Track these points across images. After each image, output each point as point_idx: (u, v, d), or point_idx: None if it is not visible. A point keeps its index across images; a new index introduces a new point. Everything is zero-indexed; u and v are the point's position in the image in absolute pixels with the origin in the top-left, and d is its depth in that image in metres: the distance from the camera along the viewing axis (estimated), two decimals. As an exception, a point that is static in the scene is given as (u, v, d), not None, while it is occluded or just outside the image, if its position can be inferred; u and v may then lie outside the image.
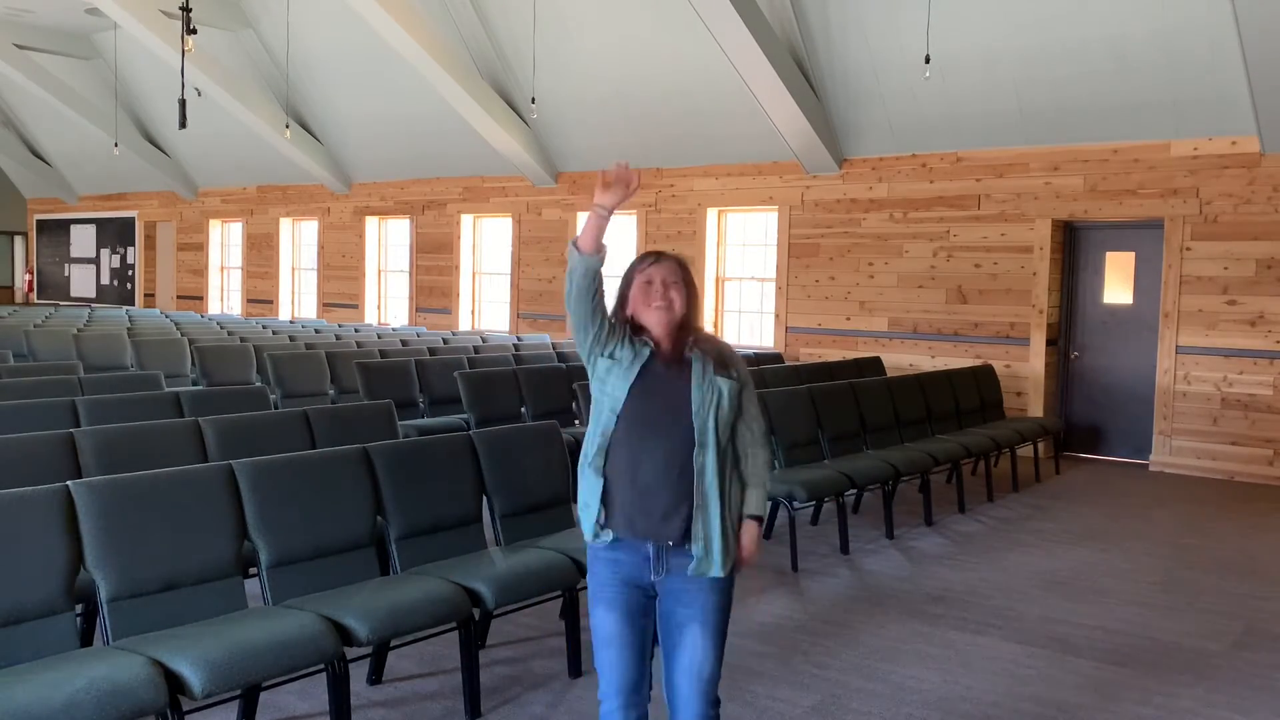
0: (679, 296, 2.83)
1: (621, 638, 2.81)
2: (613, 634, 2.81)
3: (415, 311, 15.67)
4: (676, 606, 2.80)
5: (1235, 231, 9.27)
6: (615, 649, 2.80)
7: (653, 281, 2.83)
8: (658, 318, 2.81)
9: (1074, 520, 7.61)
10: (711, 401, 2.78)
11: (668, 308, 2.81)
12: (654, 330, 2.83)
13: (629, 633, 2.81)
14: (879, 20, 10.15)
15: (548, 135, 13.45)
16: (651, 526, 2.78)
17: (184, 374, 9.27)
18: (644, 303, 2.82)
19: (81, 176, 21.32)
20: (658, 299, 2.81)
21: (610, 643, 2.81)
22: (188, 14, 10.56)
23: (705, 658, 2.79)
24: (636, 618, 2.82)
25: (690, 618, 2.79)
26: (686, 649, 2.79)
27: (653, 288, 2.82)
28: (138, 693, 2.95)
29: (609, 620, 2.81)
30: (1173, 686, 4.44)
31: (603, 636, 2.82)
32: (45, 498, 3.40)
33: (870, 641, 4.89)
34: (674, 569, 2.79)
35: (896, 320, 11.12)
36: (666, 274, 2.84)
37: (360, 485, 4.19)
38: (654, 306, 2.81)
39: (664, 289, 2.82)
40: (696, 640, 2.79)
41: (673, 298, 2.82)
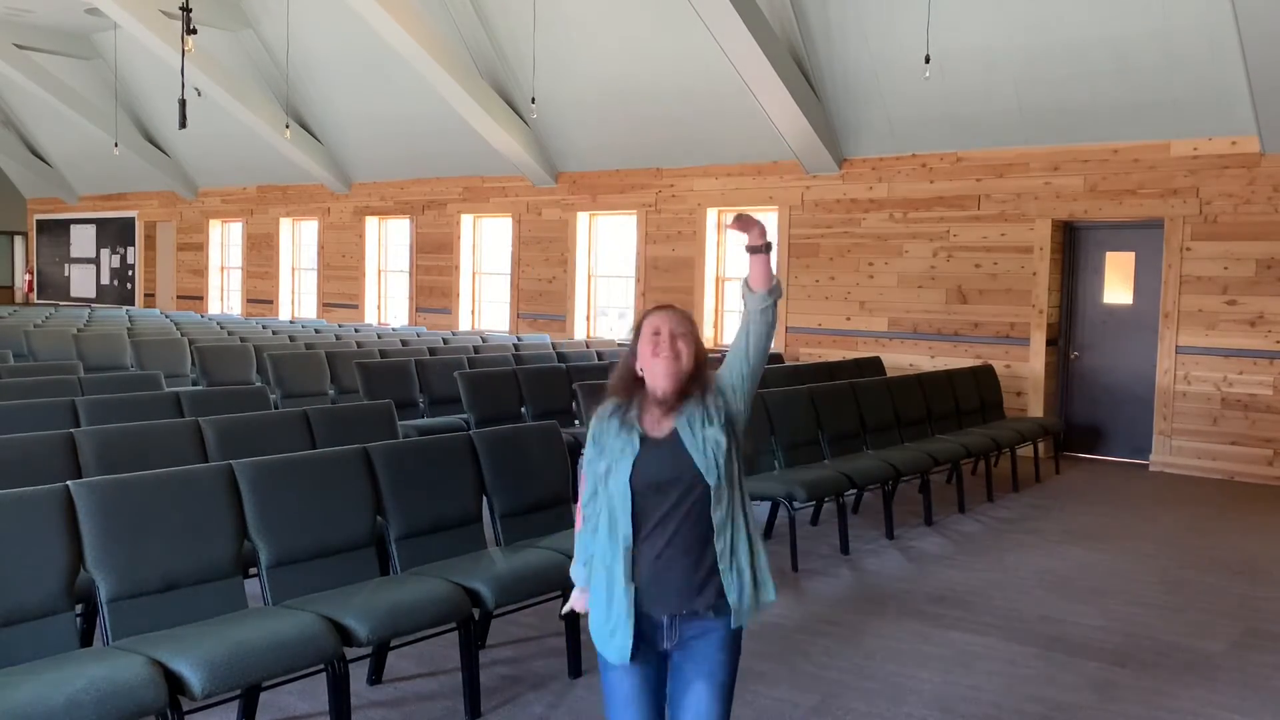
0: (686, 347, 2.78)
1: (639, 702, 2.76)
2: (628, 697, 2.76)
3: (415, 311, 15.67)
4: (685, 662, 2.77)
5: (1235, 231, 9.27)
6: (634, 709, 2.76)
7: (660, 333, 2.78)
8: (665, 369, 2.76)
9: (1074, 520, 7.60)
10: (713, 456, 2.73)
11: (675, 358, 2.76)
12: (659, 381, 2.77)
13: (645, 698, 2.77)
14: (879, 20, 10.15)
15: (548, 135, 13.45)
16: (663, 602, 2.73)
17: (184, 374, 9.27)
18: (651, 353, 2.77)
19: (81, 176, 21.32)
20: (666, 350, 2.77)
21: (626, 706, 2.77)
22: (188, 14, 10.55)
23: (710, 713, 2.75)
24: (654, 685, 2.78)
25: (698, 673, 2.75)
26: (692, 705, 2.76)
27: (660, 339, 2.78)
28: (138, 693, 2.95)
29: (625, 683, 2.76)
30: (1173, 686, 4.44)
31: (619, 699, 2.77)
32: (45, 498, 3.40)
33: (870, 641, 4.89)
34: (685, 634, 2.76)
35: (896, 320, 11.12)
36: (673, 325, 2.80)
37: (360, 485, 4.19)
38: (661, 357, 2.76)
39: (671, 340, 2.77)
40: (702, 696, 2.75)
41: (680, 348, 2.77)
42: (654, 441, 2.76)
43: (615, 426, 2.80)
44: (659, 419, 2.79)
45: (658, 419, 2.79)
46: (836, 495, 6.54)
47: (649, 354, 2.78)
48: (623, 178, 13.19)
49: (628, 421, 2.79)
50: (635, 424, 2.78)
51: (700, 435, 2.75)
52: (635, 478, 2.72)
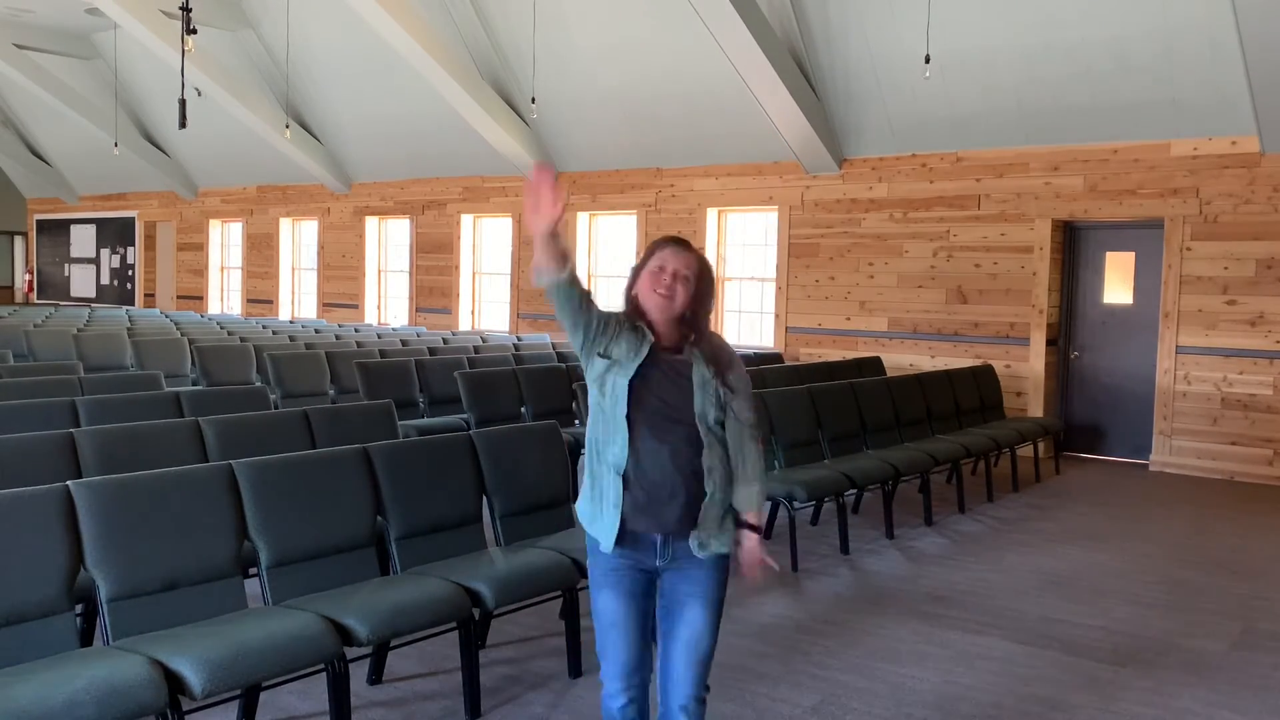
0: (684, 290, 2.77)
1: (626, 620, 2.82)
2: (617, 617, 2.82)
3: (415, 311, 15.68)
4: (679, 583, 2.82)
5: (1235, 231, 9.27)
6: (619, 631, 2.82)
7: (665, 269, 2.77)
8: (656, 304, 2.76)
9: (1074, 520, 7.60)
10: (712, 403, 2.77)
11: (669, 297, 2.75)
12: (652, 316, 2.78)
13: (633, 615, 2.82)
14: (879, 20, 10.15)
15: (548, 135, 13.45)
16: (659, 520, 2.78)
17: (184, 374, 9.27)
18: (650, 286, 2.78)
19: (81, 176, 21.32)
20: (662, 287, 2.75)
21: (614, 625, 2.82)
22: (188, 14, 10.55)
23: (704, 633, 2.82)
24: (640, 600, 2.83)
25: (691, 594, 2.81)
26: (686, 624, 2.81)
27: (662, 275, 2.77)
28: (138, 693, 2.95)
29: (614, 604, 2.82)
30: (1173, 686, 4.44)
31: (606, 620, 2.83)
32: (45, 498, 3.40)
33: (870, 641, 4.89)
34: (678, 553, 2.81)
35: (896, 320, 11.12)
36: (680, 265, 2.78)
37: (360, 485, 4.19)
38: (656, 293, 2.76)
39: (672, 279, 2.76)
40: (697, 615, 2.81)
41: (677, 289, 2.76)
42: (666, 356, 2.78)
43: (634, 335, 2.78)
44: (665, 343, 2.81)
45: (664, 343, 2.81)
46: (836, 495, 6.54)
47: (647, 287, 2.78)
48: (623, 178, 13.19)
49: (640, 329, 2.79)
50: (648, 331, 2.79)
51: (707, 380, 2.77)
52: (637, 381, 2.73)
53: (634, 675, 2.84)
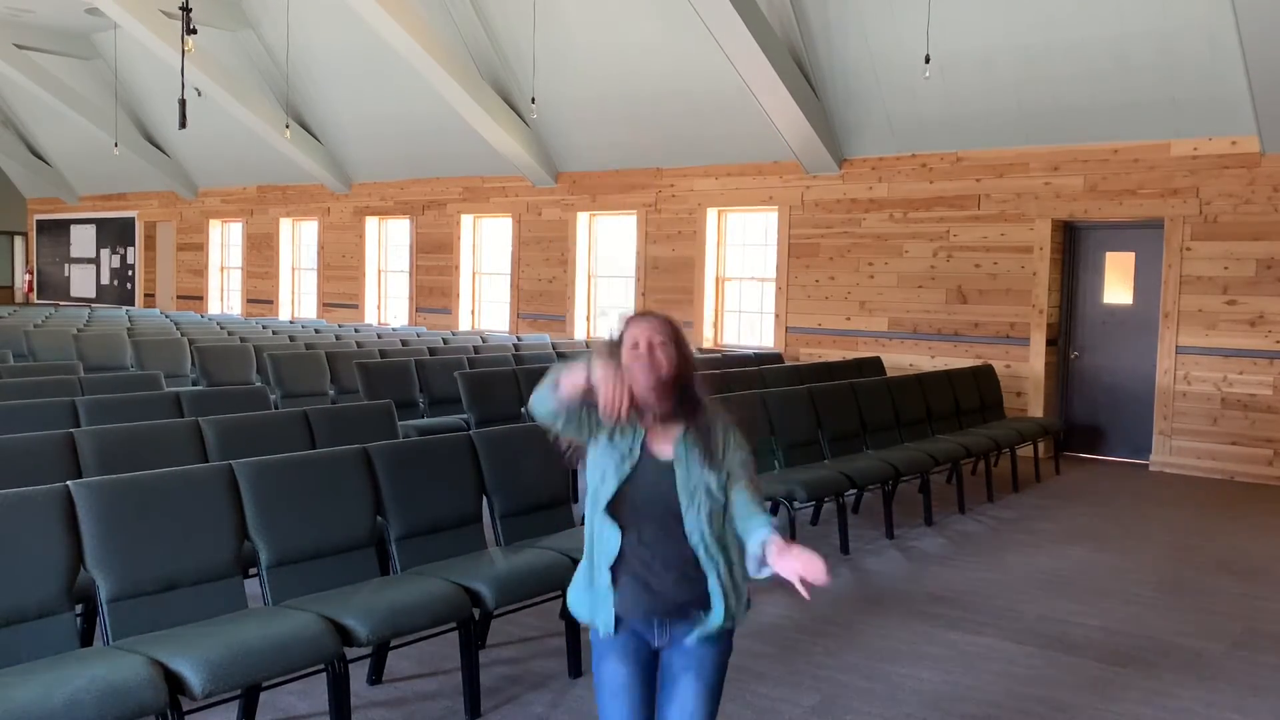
0: (665, 356, 2.71)
1: (630, 690, 2.77)
2: (621, 686, 2.77)
3: (415, 311, 15.67)
4: (675, 657, 2.78)
5: (1235, 231, 9.27)
6: (622, 701, 2.77)
7: (638, 344, 2.71)
8: (645, 377, 2.70)
9: (1074, 520, 7.61)
10: (700, 501, 2.71)
11: (653, 366, 2.70)
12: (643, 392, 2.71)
13: (636, 683, 2.78)
14: (879, 20, 10.15)
15: (548, 135, 13.45)
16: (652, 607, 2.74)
17: (184, 374, 9.27)
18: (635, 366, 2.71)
19: (81, 176, 21.33)
20: (645, 359, 2.70)
21: (617, 694, 2.78)
22: (188, 14, 10.55)
23: (697, 709, 2.76)
24: (643, 668, 2.80)
25: (685, 667, 2.76)
26: (678, 699, 2.77)
27: (638, 350, 2.71)
28: (138, 693, 2.95)
29: (619, 672, 2.78)
30: (1173, 686, 4.44)
31: (611, 689, 2.79)
32: (45, 498, 3.40)
33: (870, 641, 4.89)
34: (676, 635, 2.78)
35: (896, 320, 11.12)
36: (650, 333, 2.73)
37: (360, 485, 4.19)
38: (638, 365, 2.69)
39: (649, 349, 2.70)
40: (689, 691, 2.75)
41: (659, 357, 2.70)
42: (652, 460, 2.74)
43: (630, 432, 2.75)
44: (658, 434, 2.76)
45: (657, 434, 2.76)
46: (836, 495, 6.54)
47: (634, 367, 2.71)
48: (623, 178, 13.19)
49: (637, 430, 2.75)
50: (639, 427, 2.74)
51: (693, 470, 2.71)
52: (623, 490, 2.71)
53: None
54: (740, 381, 8.30)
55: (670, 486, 2.72)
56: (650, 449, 2.75)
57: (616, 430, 2.75)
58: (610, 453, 2.75)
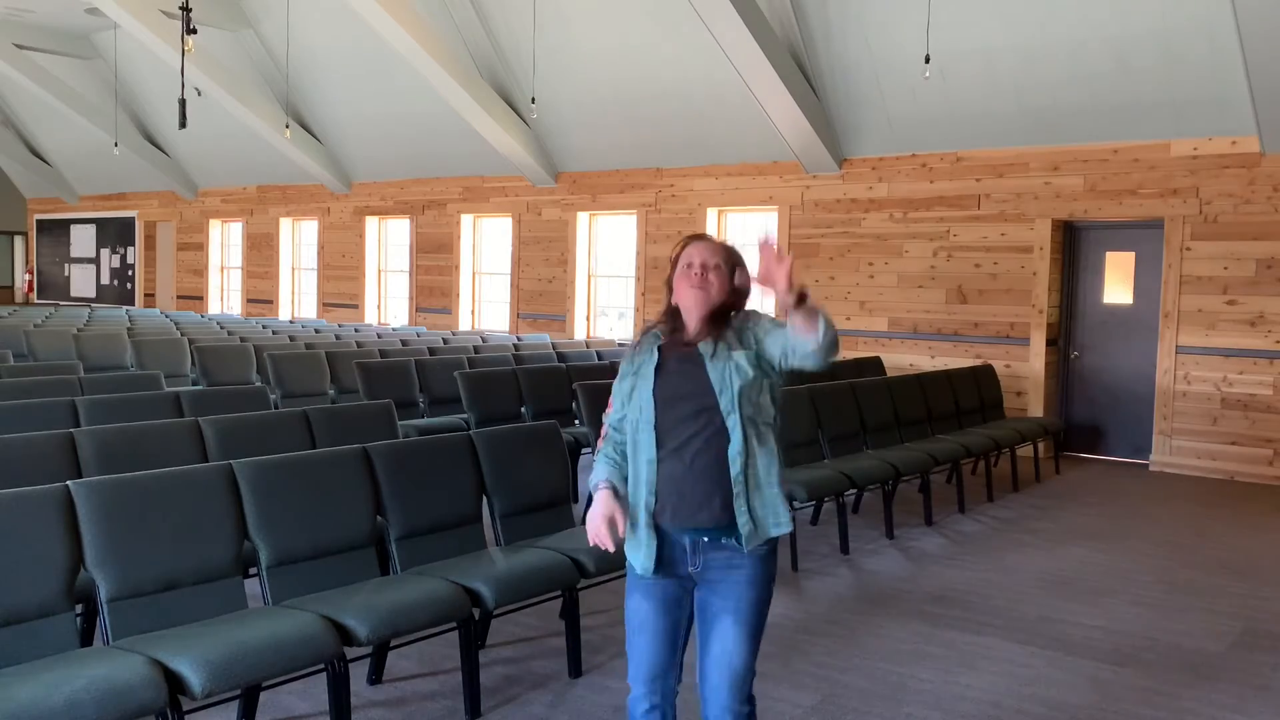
0: (717, 279, 2.80)
1: (654, 625, 2.81)
2: (645, 620, 2.82)
3: (415, 311, 15.68)
4: (712, 597, 2.79)
5: (1235, 231, 9.27)
6: (646, 635, 2.82)
7: (692, 264, 2.82)
8: (693, 299, 2.80)
9: (1074, 520, 7.60)
10: (731, 381, 2.74)
11: (703, 288, 2.79)
12: (689, 311, 2.82)
13: (661, 620, 2.82)
14: (879, 20, 10.15)
15: (548, 135, 13.45)
16: (688, 517, 2.76)
17: (184, 374, 9.27)
18: (684, 284, 2.83)
19: (81, 176, 21.33)
20: (695, 280, 2.80)
21: (642, 629, 2.82)
22: (188, 14, 10.55)
23: (736, 649, 2.77)
24: (671, 606, 2.82)
25: (724, 609, 2.78)
26: (718, 639, 2.78)
27: (691, 270, 2.81)
28: (138, 693, 2.95)
29: (643, 607, 2.82)
30: (1173, 686, 4.44)
31: (635, 623, 2.84)
32: (45, 498, 3.40)
33: (870, 641, 4.89)
34: (711, 563, 2.78)
35: (896, 320, 11.12)
36: (706, 255, 2.83)
37: (360, 485, 4.19)
38: (690, 286, 2.80)
39: (703, 271, 2.80)
40: (728, 631, 2.77)
41: (710, 279, 2.80)
42: (676, 357, 2.80)
43: (645, 345, 2.86)
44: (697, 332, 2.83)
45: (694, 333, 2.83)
46: (836, 495, 6.54)
47: (684, 285, 2.82)
48: (623, 178, 13.19)
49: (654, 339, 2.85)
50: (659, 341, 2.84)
51: (721, 359, 2.76)
52: (656, 390, 2.77)
53: (657, 681, 2.83)
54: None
55: (701, 373, 2.75)
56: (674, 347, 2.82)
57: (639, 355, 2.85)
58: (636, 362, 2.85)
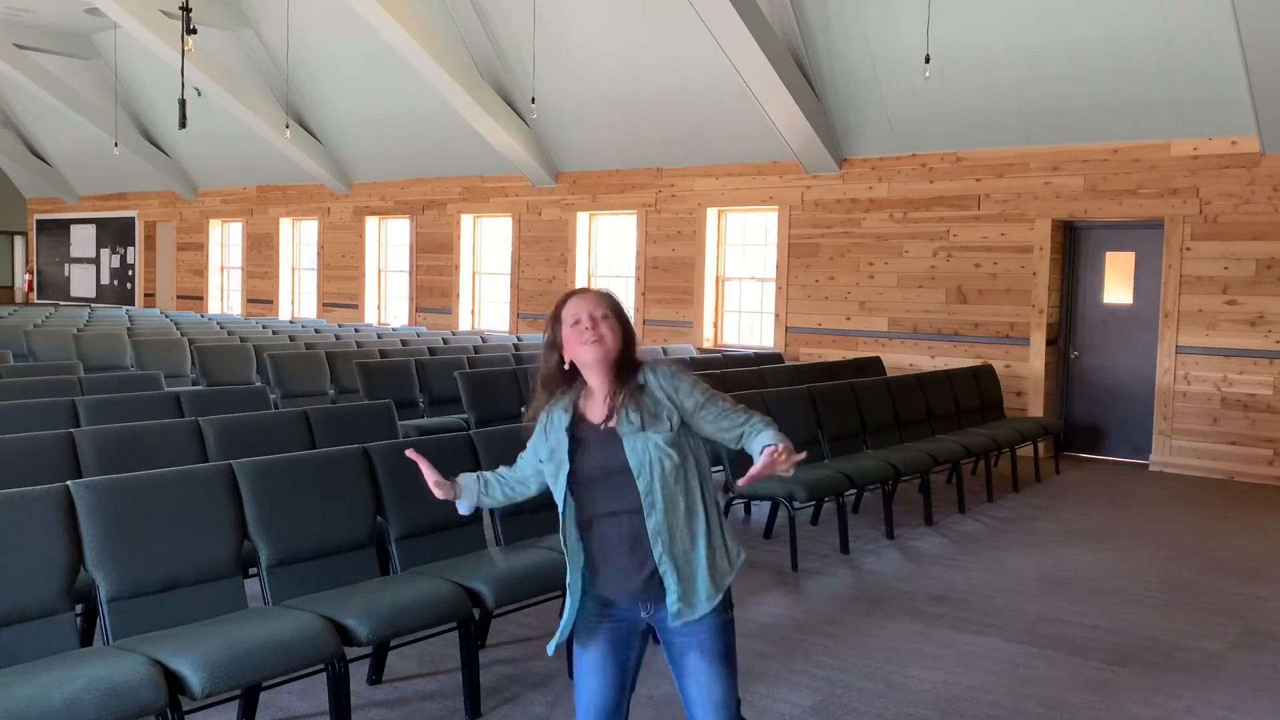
0: (610, 331, 2.69)
1: (602, 667, 2.74)
2: (594, 664, 2.74)
3: (415, 311, 15.68)
4: (673, 637, 2.73)
5: (1235, 231, 9.27)
6: (596, 678, 2.74)
7: (580, 320, 2.70)
8: (592, 355, 2.68)
9: (1074, 520, 7.60)
10: (650, 466, 2.65)
11: (599, 341, 2.67)
12: (589, 368, 2.71)
13: (610, 663, 2.75)
14: (879, 20, 10.15)
15: (548, 135, 13.45)
16: (627, 589, 2.71)
17: (184, 374, 9.27)
18: (577, 342, 2.70)
19: (81, 176, 21.33)
20: (588, 336, 2.68)
21: (591, 672, 2.75)
22: (188, 14, 10.54)
23: (712, 682, 2.71)
24: (619, 648, 2.76)
25: (687, 646, 2.72)
26: (691, 678, 2.73)
27: (580, 325, 2.70)
28: (138, 693, 2.95)
29: (592, 653, 2.75)
30: (1173, 686, 4.44)
31: (585, 667, 2.76)
32: (45, 498, 3.40)
33: (870, 641, 4.89)
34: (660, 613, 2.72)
35: (896, 320, 11.12)
36: (592, 307, 2.71)
37: (360, 485, 4.19)
38: (585, 344, 2.68)
39: (593, 324, 2.69)
40: (699, 666, 2.71)
41: (603, 332, 2.68)
42: (594, 434, 2.71)
43: (558, 417, 2.77)
44: (598, 405, 2.73)
45: (597, 405, 2.74)
46: (836, 495, 6.54)
47: (575, 343, 2.70)
48: (623, 178, 13.19)
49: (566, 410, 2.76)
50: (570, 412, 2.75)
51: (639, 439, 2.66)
52: (574, 473, 2.70)
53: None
54: (740, 381, 8.31)
55: (614, 443, 2.68)
56: (589, 420, 2.73)
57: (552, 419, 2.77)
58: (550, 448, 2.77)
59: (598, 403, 2.74)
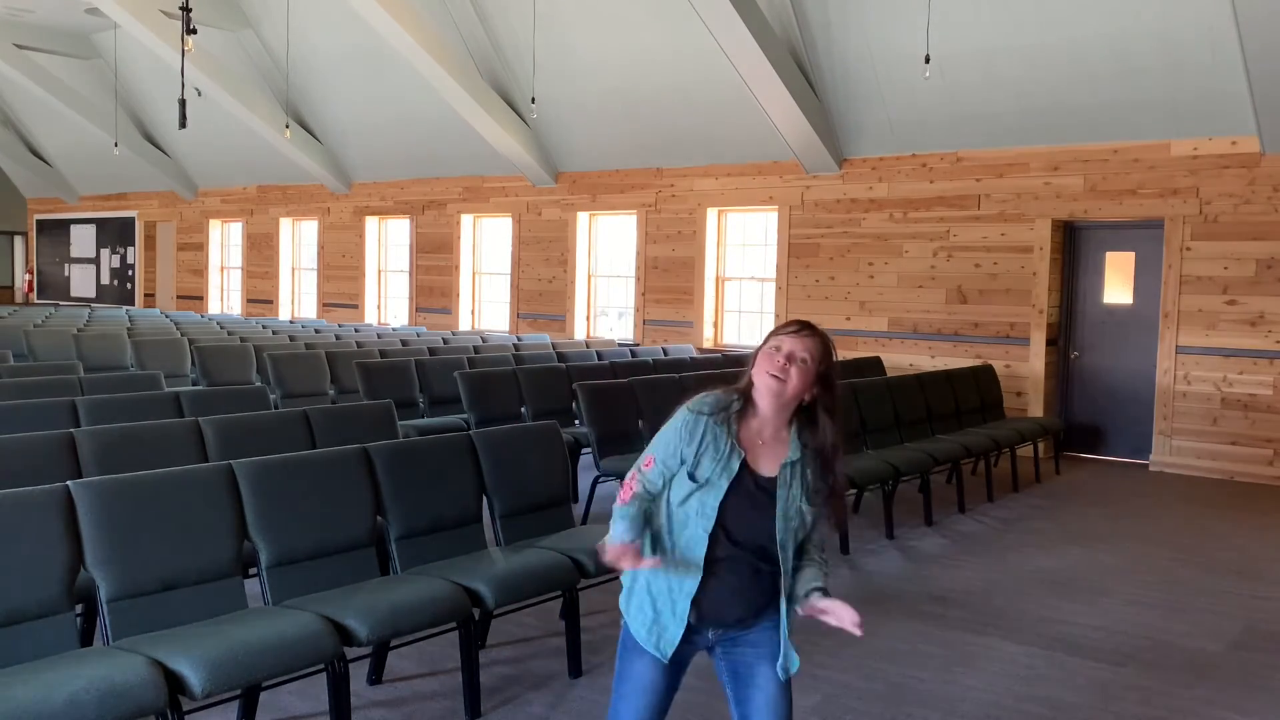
0: (800, 375, 2.61)
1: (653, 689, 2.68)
2: (648, 683, 2.68)
3: (415, 311, 15.68)
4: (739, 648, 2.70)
5: (1235, 231, 9.27)
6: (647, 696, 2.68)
7: (780, 349, 2.64)
8: (767, 386, 2.62)
9: (1074, 520, 7.60)
10: (794, 528, 2.66)
11: (782, 380, 2.61)
12: (761, 395, 2.65)
13: (662, 686, 2.69)
14: (879, 20, 10.15)
15: (548, 135, 13.45)
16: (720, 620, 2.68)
17: (184, 374, 9.26)
18: (764, 367, 2.64)
19: (81, 176, 21.32)
20: (775, 368, 2.62)
21: (643, 690, 2.68)
22: (188, 14, 10.54)
23: (780, 692, 2.68)
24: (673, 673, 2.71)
25: (759, 656, 2.68)
26: (759, 688, 2.68)
27: (776, 356, 2.63)
28: (138, 693, 2.95)
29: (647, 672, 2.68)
30: (1173, 686, 4.44)
31: (636, 684, 2.68)
32: (45, 498, 3.40)
33: (870, 641, 4.89)
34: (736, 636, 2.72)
35: (896, 320, 11.12)
36: (797, 348, 2.63)
37: (360, 485, 4.19)
38: (767, 374, 2.62)
39: (786, 361, 2.62)
40: (770, 677, 2.67)
41: (791, 372, 2.61)
42: (752, 476, 2.64)
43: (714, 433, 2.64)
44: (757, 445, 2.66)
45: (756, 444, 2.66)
46: (836, 495, 6.52)
47: (763, 368, 2.64)
48: (623, 178, 13.19)
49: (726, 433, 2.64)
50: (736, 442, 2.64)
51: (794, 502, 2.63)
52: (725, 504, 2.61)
53: None
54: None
55: (768, 506, 2.63)
56: (751, 465, 2.64)
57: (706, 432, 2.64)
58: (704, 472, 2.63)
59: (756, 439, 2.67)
